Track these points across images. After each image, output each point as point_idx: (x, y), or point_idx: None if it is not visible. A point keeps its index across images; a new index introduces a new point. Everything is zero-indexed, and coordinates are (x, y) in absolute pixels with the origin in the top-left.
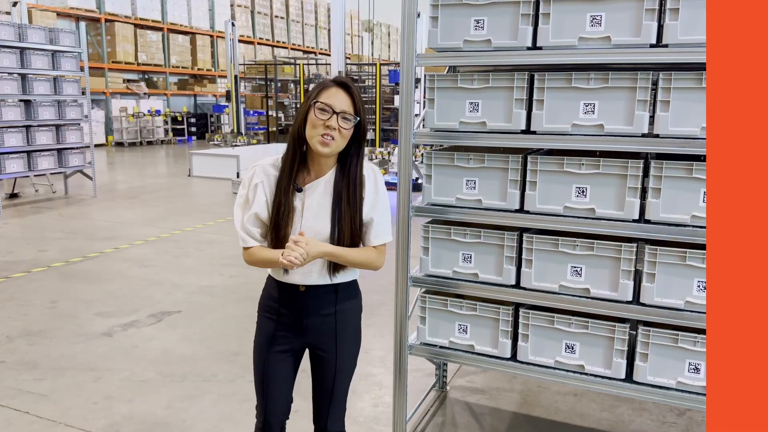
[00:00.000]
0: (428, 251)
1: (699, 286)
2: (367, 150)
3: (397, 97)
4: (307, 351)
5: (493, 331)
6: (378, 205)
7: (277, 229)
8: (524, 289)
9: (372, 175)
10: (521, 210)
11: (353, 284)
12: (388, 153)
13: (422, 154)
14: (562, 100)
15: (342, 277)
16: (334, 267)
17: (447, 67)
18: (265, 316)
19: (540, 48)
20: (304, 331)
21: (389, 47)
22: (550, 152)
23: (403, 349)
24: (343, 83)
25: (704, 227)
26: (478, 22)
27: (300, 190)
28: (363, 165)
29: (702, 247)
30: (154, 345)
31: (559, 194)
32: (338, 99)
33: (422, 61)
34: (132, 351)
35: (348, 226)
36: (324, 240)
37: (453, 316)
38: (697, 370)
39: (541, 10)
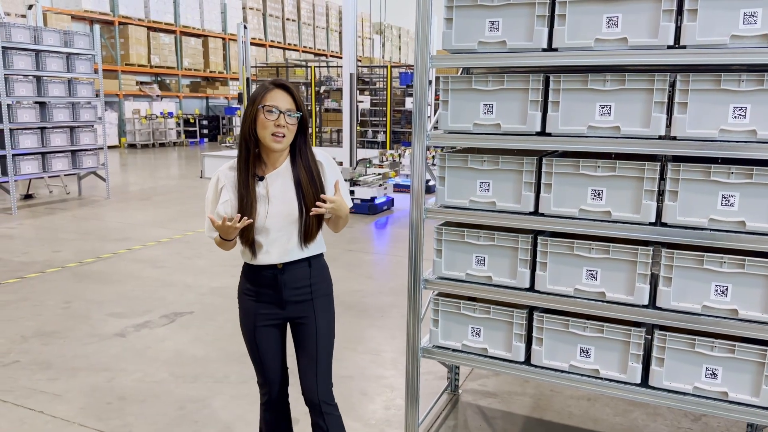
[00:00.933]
0: (441, 253)
1: (716, 291)
2: (377, 152)
3: (408, 99)
4: (289, 330)
5: (506, 334)
6: (334, 176)
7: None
8: (539, 292)
9: (327, 157)
10: (536, 213)
11: (321, 257)
12: (399, 155)
13: (433, 156)
14: (578, 102)
15: (313, 249)
16: (305, 238)
17: (459, 69)
18: (245, 298)
19: (555, 49)
20: (284, 304)
21: (400, 49)
22: (566, 154)
23: (415, 352)
24: (281, 85)
25: (722, 231)
26: (492, 24)
27: (262, 179)
28: (313, 151)
29: (720, 251)
30: (167, 346)
31: (574, 197)
32: (281, 99)
33: (436, 63)
34: (145, 352)
35: (312, 201)
36: (294, 220)
37: (466, 319)
38: (714, 375)
39: (556, 12)
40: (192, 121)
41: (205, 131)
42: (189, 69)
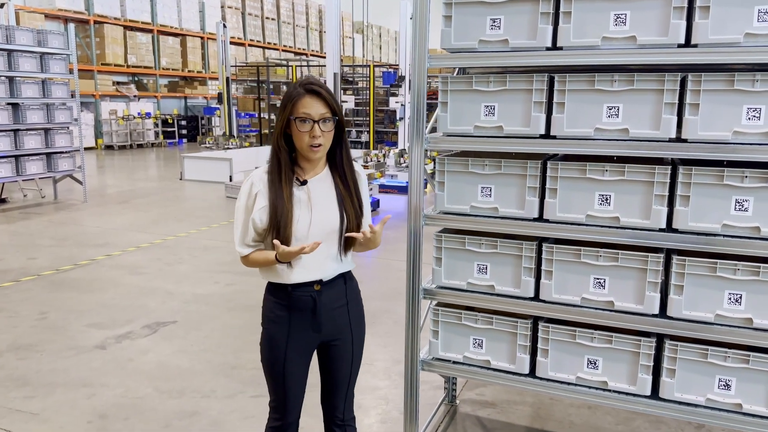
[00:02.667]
0: (441, 262)
1: (730, 299)
2: (361, 152)
3: (392, 99)
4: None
5: (510, 345)
6: (366, 195)
7: (278, 229)
8: (543, 301)
9: (362, 172)
10: (540, 219)
11: (351, 272)
12: (383, 155)
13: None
14: (584, 103)
15: (347, 264)
16: (345, 246)
17: (456, 69)
18: (274, 326)
19: (560, 48)
20: (319, 327)
21: (380, 49)
22: (571, 158)
23: (414, 365)
24: (311, 90)
25: (735, 237)
26: (494, 22)
27: (305, 182)
28: (350, 155)
29: (733, 257)
30: (150, 358)
31: (580, 202)
32: (313, 106)
33: (435, 63)
34: (127, 365)
35: (353, 213)
36: (333, 230)
37: (467, 330)
38: (728, 386)
39: (561, 9)
40: (170, 121)
41: (184, 132)
42: (167, 68)
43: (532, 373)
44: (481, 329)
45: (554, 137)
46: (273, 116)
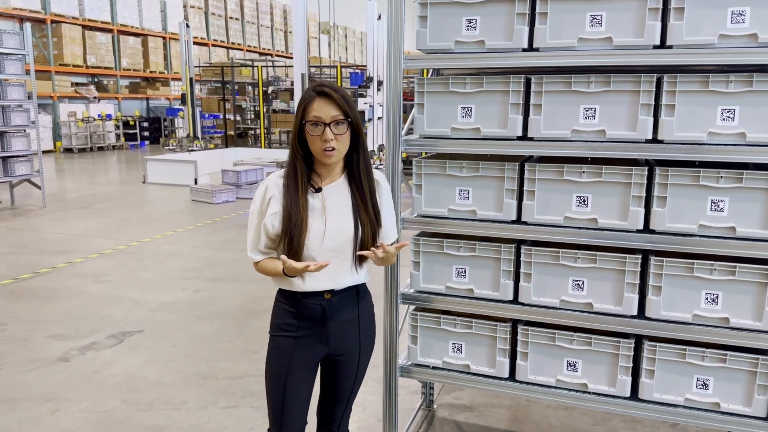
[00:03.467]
0: (419, 266)
1: (707, 299)
2: None
3: (360, 100)
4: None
5: (489, 349)
6: (387, 205)
7: (291, 238)
8: (522, 304)
9: (385, 180)
10: (518, 221)
11: (366, 285)
12: None
13: (379, 159)
14: (561, 105)
15: (362, 275)
16: (359, 260)
17: (431, 70)
18: (282, 335)
19: (537, 49)
20: (327, 340)
21: (346, 49)
22: (549, 159)
23: (393, 372)
24: (322, 92)
25: (712, 237)
26: (470, 22)
27: (319, 190)
28: (369, 161)
29: (710, 257)
30: (116, 370)
31: (558, 204)
32: (324, 109)
33: (411, 64)
34: (92, 377)
35: (368, 224)
36: (347, 240)
37: (446, 335)
38: (705, 385)
39: (537, 10)
40: (132, 123)
41: (146, 134)
42: (128, 69)
43: (511, 376)
44: (461, 333)
45: (532, 139)
46: (239, 117)
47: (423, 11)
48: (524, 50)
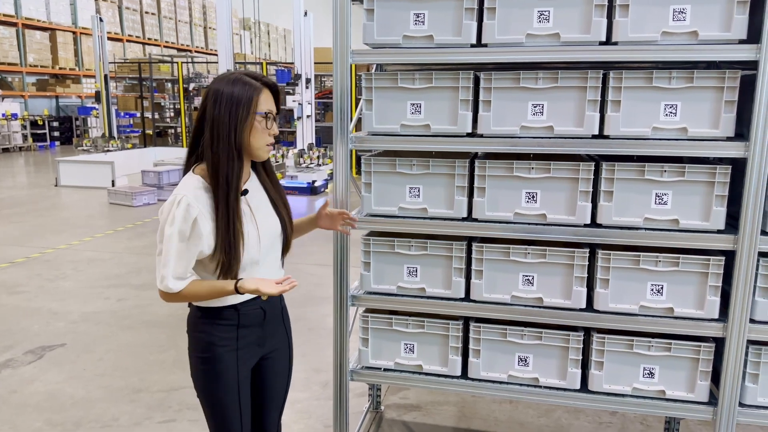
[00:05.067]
0: (369, 266)
1: (653, 290)
2: None
3: (288, 98)
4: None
5: (442, 348)
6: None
7: (229, 250)
8: (474, 301)
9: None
10: (469, 218)
11: None
12: (282, 156)
13: (318, 156)
14: (510, 101)
15: (283, 267)
16: (284, 253)
17: (374, 65)
18: (221, 351)
19: (485, 45)
20: (263, 341)
21: (269, 46)
22: (499, 156)
23: (344, 376)
24: (272, 84)
25: (657, 230)
26: (418, 17)
27: (245, 192)
28: None
29: (655, 249)
30: (37, 388)
31: (508, 200)
32: (271, 102)
33: (358, 59)
34: (10, 398)
35: (286, 212)
36: (277, 236)
37: (398, 335)
38: (651, 374)
39: (486, 5)
40: (41, 123)
41: (57, 134)
42: (35, 65)
43: (464, 374)
44: (413, 333)
45: (481, 136)
46: (158, 115)
47: (370, 4)
48: (473, 46)
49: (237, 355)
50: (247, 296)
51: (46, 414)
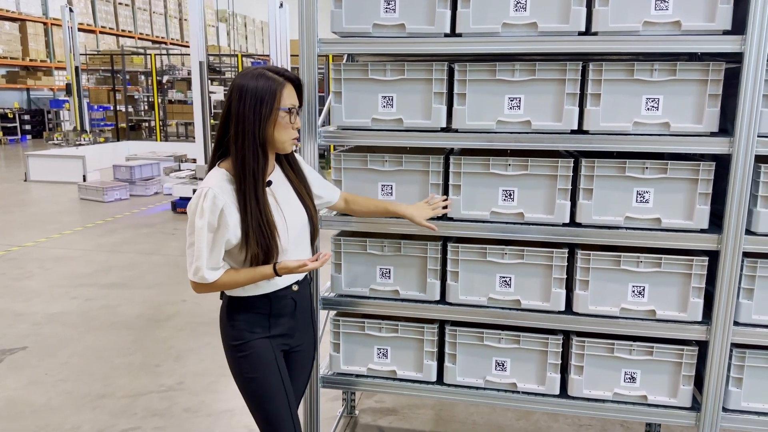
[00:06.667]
0: (341, 268)
1: (634, 291)
2: None
3: None
4: None
5: (416, 353)
6: (317, 175)
7: (265, 241)
8: (450, 304)
9: (299, 157)
10: (444, 217)
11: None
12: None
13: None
14: (486, 94)
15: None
16: (313, 242)
17: (346, 55)
18: (257, 342)
19: (460, 35)
20: (293, 332)
21: (246, 38)
22: (475, 152)
23: (314, 383)
24: (294, 78)
25: (639, 229)
26: (388, 4)
27: (270, 183)
28: None
29: (637, 249)
30: None
31: (484, 198)
32: (294, 97)
33: (326, 48)
34: None
35: (311, 203)
36: (304, 227)
37: (371, 340)
38: (633, 379)
39: None
40: (11, 116)
41: (28, 127)
42: (4, 57)
43: (440, 380)
44: (386, 338)
45: (456, 131)
46: (131, 108)
47: None
48: (447, 35)
49: (270, 342)
50: (281, 284)
51: (2, 423)
